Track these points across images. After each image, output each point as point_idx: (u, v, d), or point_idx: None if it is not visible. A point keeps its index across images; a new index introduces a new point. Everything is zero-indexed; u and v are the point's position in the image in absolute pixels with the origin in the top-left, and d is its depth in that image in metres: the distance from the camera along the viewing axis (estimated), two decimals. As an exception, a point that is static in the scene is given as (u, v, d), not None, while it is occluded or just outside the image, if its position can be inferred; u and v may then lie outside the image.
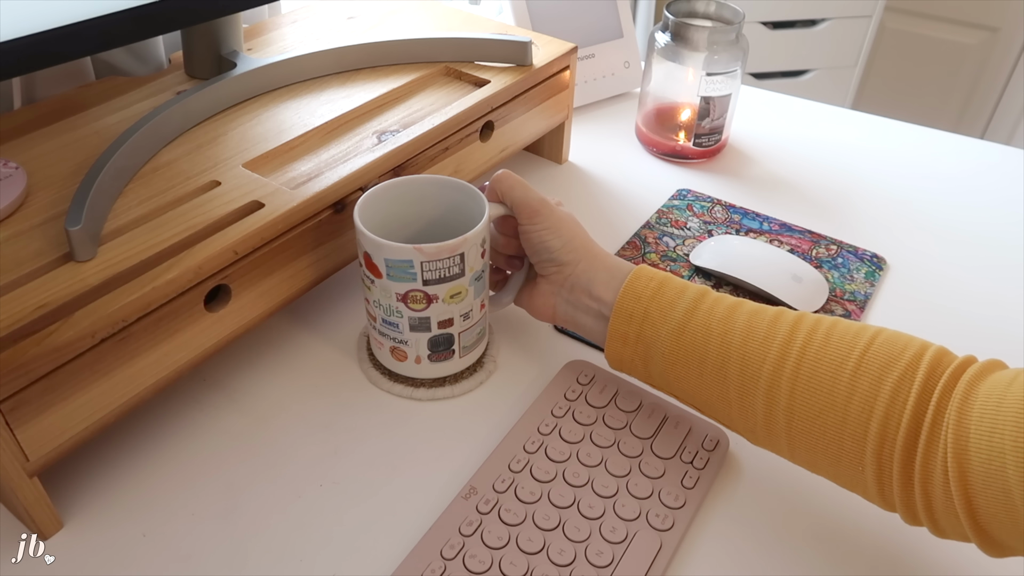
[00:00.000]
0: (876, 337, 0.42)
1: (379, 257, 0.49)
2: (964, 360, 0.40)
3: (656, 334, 0.47)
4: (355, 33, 0.73)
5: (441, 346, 0.53)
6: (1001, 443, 0.35)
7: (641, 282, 0.49)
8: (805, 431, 0.42)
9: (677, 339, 0.46)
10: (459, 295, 0.51)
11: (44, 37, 0.46)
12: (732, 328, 0.45)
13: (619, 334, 0.49)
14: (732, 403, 0.45)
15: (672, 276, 0.49)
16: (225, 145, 0.57)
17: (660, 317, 0.47)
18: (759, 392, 0.43)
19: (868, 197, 0.77)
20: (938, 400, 0.38)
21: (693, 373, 0.46)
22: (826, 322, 0.43)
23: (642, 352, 0.48)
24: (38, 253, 0.46)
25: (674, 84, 0.79)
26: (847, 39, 1.76)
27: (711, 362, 0.45)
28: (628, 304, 0.48)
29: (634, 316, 0.48)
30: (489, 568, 0.43)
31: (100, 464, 0.50)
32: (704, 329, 0.46)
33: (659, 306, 0.47)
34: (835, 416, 0.41)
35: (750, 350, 0.44)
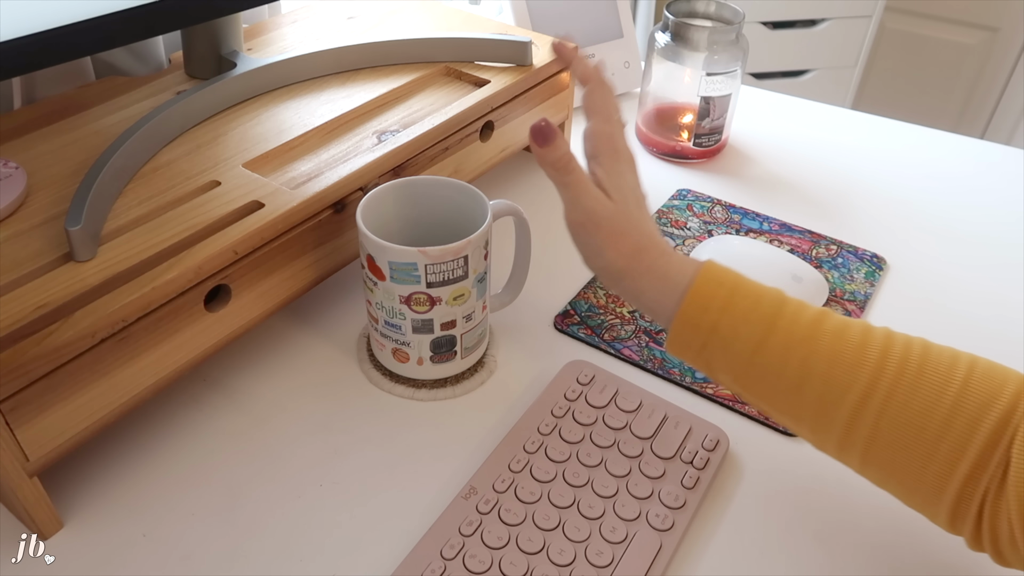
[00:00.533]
0: (973, 371, 0.39)
1: (383, 260, 0.49)
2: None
3: (726, 349, 0.42)
4: (355, 33, 0.73)
5: (443, 347, 0.53)
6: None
7: (710, 287, 0.43)
8: (885, 460, 0.40)
9: (750, 358, 0.42)
10: (462, 297, 0.51)
11: (44, 37, 0.46)
12: (815, 350, 0.40)
13: (681, 341, 0.44)
14: (804, 420, 0.42)
15: (744, 278, 0.43)
16: (225, 145, 0.57)
17: (731, 333, 0.42)
18: (839, 418, 0.40)
19: (868, 197, 0.77)
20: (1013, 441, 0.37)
21: (765, 387, 0.42)
22: (917, 348, 0.40)
23: (706, 359, 0.44)
24: (38, 253, 0.46)
25: (674, 84, 0.79)
26: (847, 39, 1.76)
27: (787, 381, 0.41)
28: (694, 314, 0.42)
29: (700, 327, 0.42)
30: (489, 568, 0.43)
31: (100, 464, 0.50)
32: (783, 350, 0.41)
33: (731, 320, 0.42)
34: (922, 452, 0.38)
35: (834, 376, 0.40)
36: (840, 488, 0.50)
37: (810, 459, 0.52)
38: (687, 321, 0.43)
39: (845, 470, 0.50)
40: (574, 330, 0.61)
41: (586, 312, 0.62)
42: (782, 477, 0.51)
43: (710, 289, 0.43)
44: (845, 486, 0.50)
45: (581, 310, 0.62)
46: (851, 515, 0.49)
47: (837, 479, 0.50)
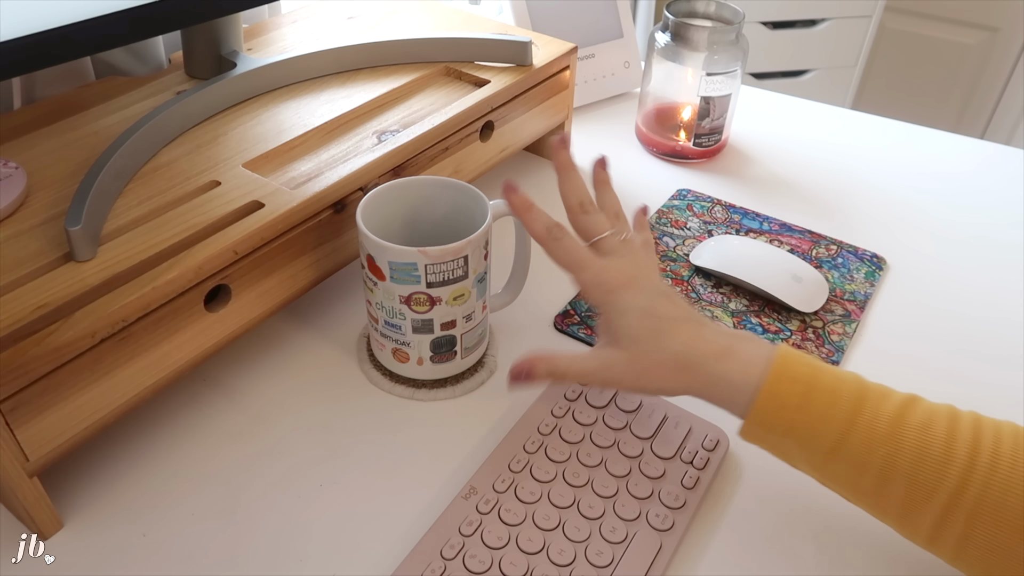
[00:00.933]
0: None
1: (383, 260, 0.49)
2: None
3: (803, 447, 0.41)
4: (355, 33, 0.73)
5: (443, 348, 0.53)
6: None
7: (783, 386, 0.40)
8: (981, 558, 0.38)
9: (829, 455, 0.40)
10: (462, 297, 0.51)
11: (44, 37, 0.46)
12: (899, 448, 0.38)
13: (754, 437, 0.43)
14: (889, 515, 0.41)
15: (819, 369, 0.41)
16: (225, 145, 0.57)
17: (808, 432, 0.40)
18: (927, 518, 0.38)
19: (868, 197, 0.77)
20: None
21: (846, 482, 0.41)
22: (1007, 437, 0.38)
23: (783, 452, 0.43)
24: (38, 253, 0.46)
25: (674, 84, 0.79)
26: (847, 39, 1.76)
27: (870, 479, 0.39)
28: (768, 415, 0.41)
29: (775, 427, 0.41)
30: (489, 568, 0.43)
31: (100, 464, 0.50)
32: (864, 448, 0.39)
33: (807, 419, 0.40)
34: (1020, 556, 0.36)
35: (921, 474, 0.38)
36: (840, 488, 0.50)
37: (810, 459, 0.52)
38: (760, 421, 0.41)
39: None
40: (574, 330, 0.61)
41: (586, 312, 0.62)
42: (782, 477, 0.51)
43: (784, 387, 0.40)
44: (845, 486, 0.50)
45: (581, 310, 0.62)
46: (851, 515, 0.48)
47: (837, 479, 0.50)
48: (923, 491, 0.38)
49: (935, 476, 0.38)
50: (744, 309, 0.63)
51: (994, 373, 0.58)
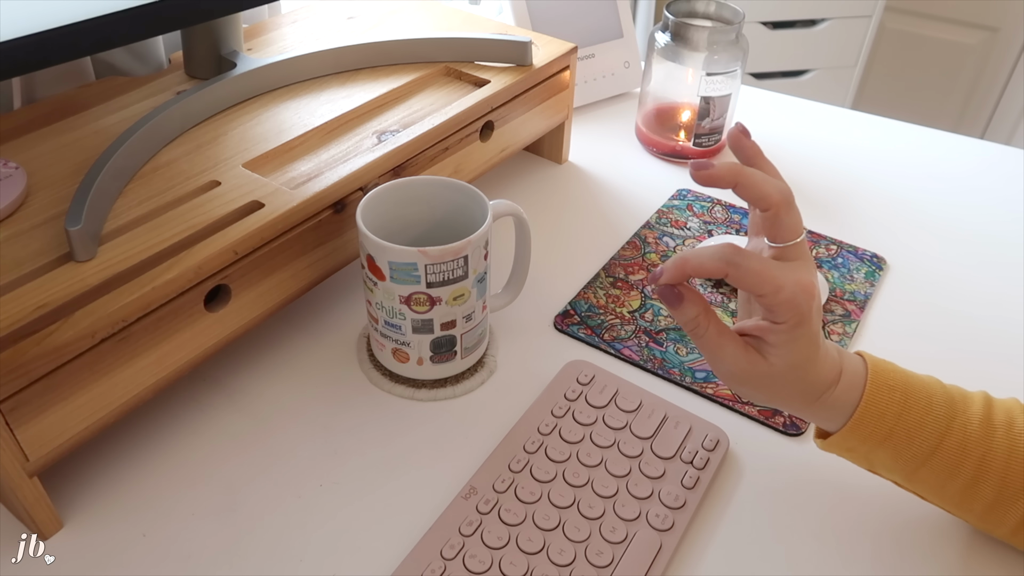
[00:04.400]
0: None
1: (383, 260, 0.49)
2: None
3: (898, 455, 0.41)
4: (355, 33, 0.73)
5: (443, 347, 0.53)
6: None
7: (883, 394, 0.41)
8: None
9: (924, 461, 0.41)
10: (462, 297, 0.51)
11: (44, 37, 0.46)
12: (991, 449, 0.39)
13: (844, 447, 0.43)
14: (973, 513, 0.42)
15: (907, 374, 0.42)
16: (225, 145, 0.57)
17: (906, 439, 0.41)
18: (1014, 513, 0.40)
19: (868, 197, 0.77)
20: None
21: (935, 485, 0.42)
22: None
23: (870, 460, 0.43)
24: (38, 253, 0.46)
25: (674, 84, 0.79)
26: (847, 39, 1.76)
27: (961, 480, 0.40)
28: (867, 424, 0.41)
29: (872, 436, 0.41)
30: (489, 568, 0.43)
31: (100, 464, 0.50)
32: (958, 451, 0.40)
33: (906, 427, 0.40)
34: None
35: (1011, 474, 0.39)
36: (840, 488, 0.50)
37: (810, 459, 0.52)
38: (858, 432, 0.41)
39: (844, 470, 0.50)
40: (574, 330, 0.61)
41: (586, 312, 0.62)
42: (782, 477, 0.51)
43: (883, 398, 0.41)
44: (845, 486, 0.50)
45: (581, 310, 0.62)
46: (851, 515, 0.49)
47: (837, 479, 0.50)
48: (1013, 489, 0.39)
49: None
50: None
51: (995, 372, 0.58)
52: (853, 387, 0.41)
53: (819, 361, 0.41)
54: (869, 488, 0.50)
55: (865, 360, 0.42)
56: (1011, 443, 0.39)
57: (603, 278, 0.65)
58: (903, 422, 0.40)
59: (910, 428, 0.40)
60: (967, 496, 0.41)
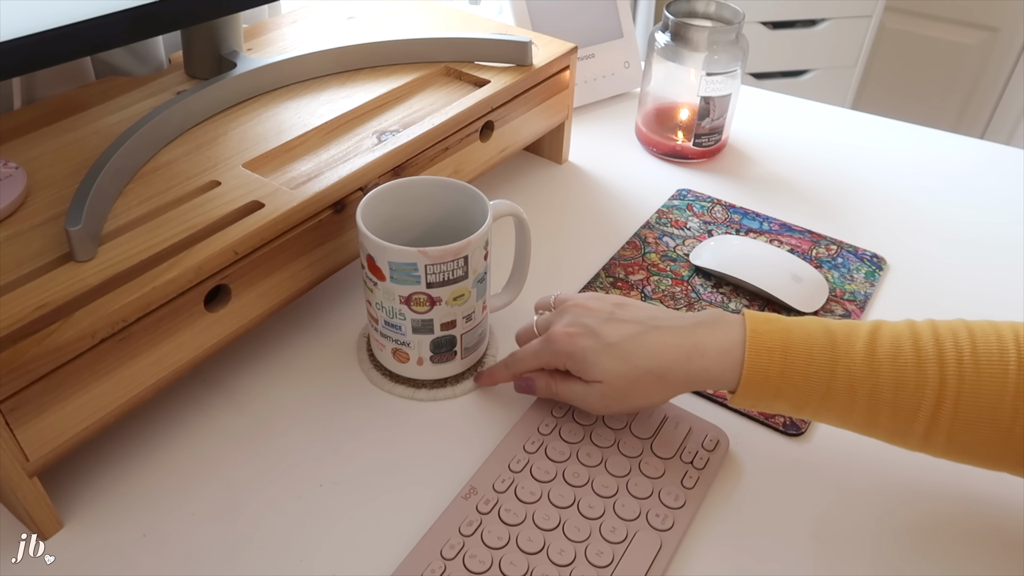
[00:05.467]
0: (1020, 340, 0.41)
1: (383, 260, 0.49)
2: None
3: (793, 405, 0.44)
4: (355, 33, 0.73)
5: (443, 348, 0.53)
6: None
7: (763, 358, 0.44)
8: (967, 450, 0.43)
9: (818, 406, 0.44)
10: (462, 297, 0.51)
11: (44, 37, 0.46)
12: (878, 384, 0.42)
13: (746, 403, 0.46)
14: (879, 434, 0.45)
15: (788, 329, 0.44)
16: (225, 145, 0.57)
17: (795, 393, 0.44)
18: (914, 433, 0.43)
19: (868, 197, 0.77)
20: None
21: (837, 420, 0.45)
22: (964, 340, 0.42)
23: (774, 410, 0.46)
24: (38, 253, 0.46)
25: (674, 84, 0.79)
26: (847, 39, 1.76)
27: (858, 415, 0.44)
28: (754, 388, 0.44)
29: (763, 395, 0.44)
30: (489, 568, 0.43)
31: (100, 464, 0.50)
32: (848, 392, 0.43)
33: (791, 383, 0.44)
34: (1002, 434, 0.41)
35: (902, 400, 0.42)
36: (840, 488, 0.50)
37: (810, 459, 0.52)
38: (749, 395, 0.45)
39: (845, 471, 0.50)
40: (574, 330, 0.60)
41: (586, 312, 0.62)
42: (782, 477, 0.51)
43: (763, 360, 0.44)
44: (845, 486, 0.50)
45: (581, 310, 0.62)
46: (851, 515, 0.49)
47: (837, 479, 0.50)
48: (906, 414, 0.42)
49: (914, 399, 0.42)
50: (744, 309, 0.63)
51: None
52: (727, 360, 0.45)
53: (636, 348, 0.46)
54: (869, 488, 0.50)
55: (745, 323, 0.45)
56: (897, 374, 0.42)
57: (603, 278, 0.65)
58: (788, 380, 0.43)
59: (796, 383, 0.43)
60: (868, 423, 0.44)
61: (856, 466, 0.51)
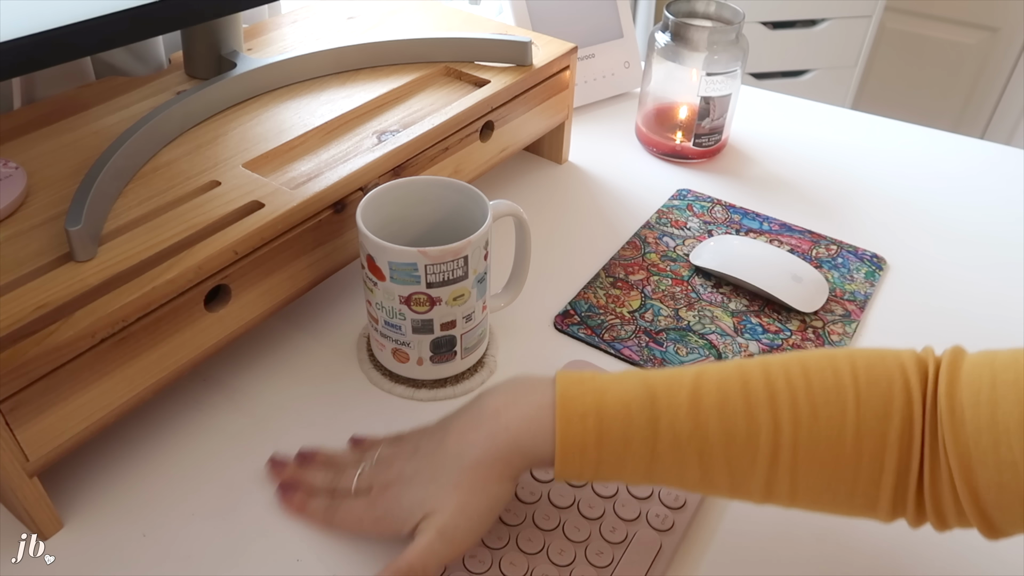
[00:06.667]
0: (857, 377, 0.38)
1: (382, 260, 0.49)
2: (933, 361, 0.38)
3: (621, 474, 0.40)
4: (355, 33, 0.73)
5: (443, 348, 0.53)
6: (1007, 425, 0.34)
7: (575, 426, 0.39)
8: (812, 497, 0.39)
9: (647, 473, 0.40)
10: (462, 297, 0.51)
11: (44, 37, 0.46)
12: (706, 440, 0.38)
13: (571, 477, 0.41)
14: (721, 491, 0.40)
15: (601, 389, 0.40)
16: (225, 145, 0.57)
17: (618, 461, 0.39)
18: (756, 485, 0.39)
19: (868, 197, 0.77)
20: (929, 413, 0.37)
21: (672, 482, 0.41)
22: (798, 378, 0.38)
23: (605, 480, 0.42)
24: (38, 253, 0.46)
25: (674, 84, 0.79)
26: (847, 39, 1.76)
27: (692, 477, 0.39)
28: (573, 462, 0.39)
29: (585, 468, 0.40)
30: (489, 568, 0.43)
31: (100, 464, 0.50)
32: (675, 455, 0.39)
33: (612, 450, 0.39)
34: (847, 475, 0.38)
35: (735, 458, 0.38)
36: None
37: (810, 459, 0.52)
38: (568, 470, 0.40)
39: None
40: (574, 330, 0.61)
41: (586, 312, 0.62)
42: (782, 477, 0.51)
43: (575, 428, 0.39)
44: (845, 486, 0.50)
45: (581, 310, 0.62)
46: (851, 515, 0.49)
47: (837, 479, 0.50)
48: (743, 466, 0.38)
49: (748, 449, 0.38)
50: (744, 309, 0.63)
51: (994, 373, 0.58)
52: (542, 429, 0.40)
53: (435, 463, 0.42)
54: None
55: (557, 390, 0.40)
56: (725, 427, 0.38)
57: (603, 278, 0.65)
58: (607, 447, 0.39)
59: (617, 449, 0.39)
60: (706, 482, 0.39)
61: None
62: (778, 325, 0.61)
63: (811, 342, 0.60)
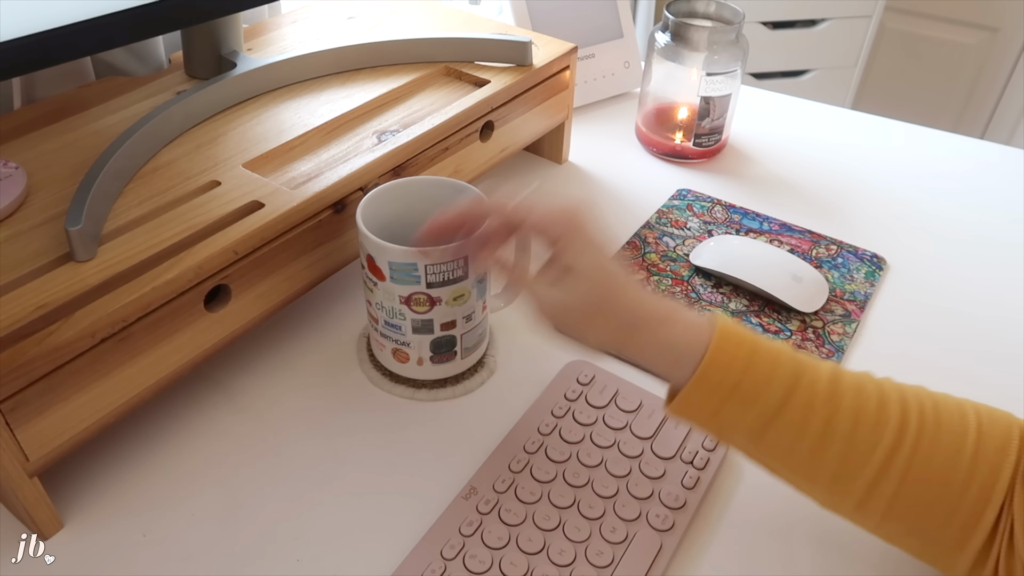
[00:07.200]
0: (980, 417, 0.39)
1: (382, 260, 0.49)
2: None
3: (747, 410, 0.40)
4: (355, 33, 0.73)
5: (443, 348, 0.53)
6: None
7: (730, 347, 0.40)
8: (909, 516, 0.39)
9: (772, 417, 0.40)
10: (462, 297, 0.51)
11: (44, 37, 0.46)
12: (838, 408, 0.39)
13: (694, 404, 0.41)
14: (821, 480, 0.40)
15: (758, 336, 0.41)
16: (225, 145, 0.57)
17: (753, 392, 0.40)
18: (862, 478, 0.39)
19: (868, 197, 0.77)
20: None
21: (783, 447, 0.40)
22: (927, 399, 0.40)
23: (720, 422, 0.41)
24: (38, 253, 0.46)
25: (674, 84, 0.79)
26: (847, 39, 1.76)
27: (809, 441, 0.39)
28: (714, 376, 0.40)
29: (720, 389, 0.40)
30: (489, 568, 0.43)
31: (100, 464, 0.50)
32: (805, 408, 0.39)
33: (753, 380, 0.40)
34: (947, 505, 0.38)
35: (858, 435, 0.39)
36: (840, 488, 0.50)
37: (810, 459, 0.52)
38: (705, 384, 0.40)
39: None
40: (574, 330, 0.60)
41: (586, 312, 0.62)
42: (782, 477, 0.51)
43: (730, 349, 0.40)
44: (845, 486, 0.50)
45: (581, 310, 0.62)
46: (851, 515, 0.49)
47: (837, 479, 0.50)
48: (860, 451, 0.39)
49: (872, 435, 0.38)
50: (744, 309, 0.63)
51: (995, 372, 0.58)
52: (696, 334, 0.41)
53: (624, 288, 0.43)
54: (869, 488, 0.50)
55: (719, 318, 0.42)
56: (858, 406, 0.39)
57: (603, 278, 0.65)
58: (750, 375, 0.40)
59: (757, 381, 0.40)
60: (814, 460, 0.40)
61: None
62: (778, 325, 0.61)
63: (811, 342, 0.60)
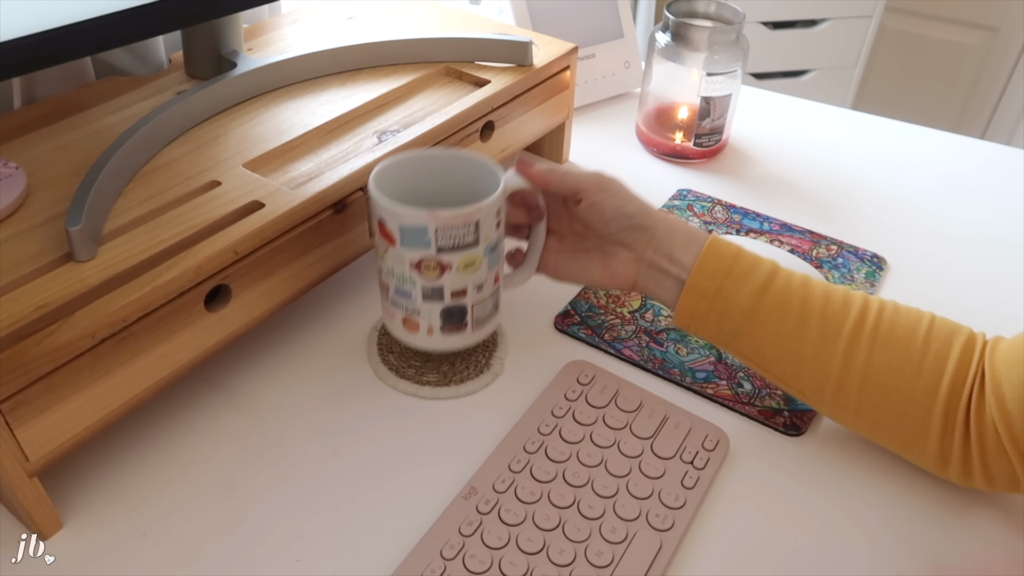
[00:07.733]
0: (933, 315, 0.48)
1: (393, 223, 0.49)
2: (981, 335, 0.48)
3: (737, 292, 0.49)
4: (355, 33, 0.73)
5: (454, 317, 0.53)
6: None
7: (722, 245, 0.51)
8: (879, 385, 0.46)
9: (759, 298, 0.49)
10: (473, 265, 0.51)
11: (44, 37, 0.46)
12: (811, 293, 0.49)
13: (698, 289, 0.50)
14: (807, 359, 0.48)
15: (743, 249, 0.51)
16: (225, 145, 0.57)
17: (743, 277, 0.49)
18: (839, 347, 0.47)
19: (868, 197, 0.77)
20: (980, 357, 0.46)
21: (770, 330, 0.49)
22: (888, 301, 0.49)
23: (719, 308, 0.50)
24: (38, 253, 0.46)
25: (674, 84, 0.79)
26: (847, 39, 1.76)
27: (791, 319, 0.48)
28: (711, 262, 0.50)
29: (716, 273, 0.50)
30: (489, 568, 0.43)
31: (100, 464, 0.50)
32: (785, 291, 0.49)
33: (741, 268, 0.50)
34: (911, 370, 0.46)
35: (831, 310, 0.48)
36: (839, 489, 0.50)
37: (810, 459, 0.52)
38: (704, 268, 0.50)
39: (845, 471, 0.50)
40: (574, 330, 0.61)
41: (586, 312, 0.62)
42: (782, 477, 0.51)
43: (723, 245, 0.50)
44: (844, 487, 0.50)
45: (581, 310, 0.62)
46: (850, 515, 0.49)
47: (837, 479, 0.50)
48: (834, 324, 0.48)
49: (842, 310, 0.48)
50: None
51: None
52: (695, 239, 0.51)
53: (651, 210, 0.53)
54: (869, 488, 0.50)
55: (710, 235, 0.52)
56: (827, 289, 0.49)
57: (603, 278, 0.65)
58: (739, 264, 0.50)
59: (745, 269, 0.50)
60: (798, 336, 0.48)
61: (856, 466, 0.51)
62: (778, 325, 0.61)
63: (811, 342, 0.60)
